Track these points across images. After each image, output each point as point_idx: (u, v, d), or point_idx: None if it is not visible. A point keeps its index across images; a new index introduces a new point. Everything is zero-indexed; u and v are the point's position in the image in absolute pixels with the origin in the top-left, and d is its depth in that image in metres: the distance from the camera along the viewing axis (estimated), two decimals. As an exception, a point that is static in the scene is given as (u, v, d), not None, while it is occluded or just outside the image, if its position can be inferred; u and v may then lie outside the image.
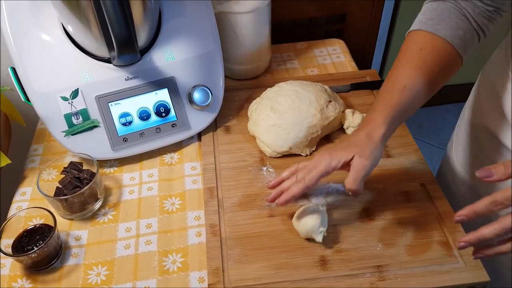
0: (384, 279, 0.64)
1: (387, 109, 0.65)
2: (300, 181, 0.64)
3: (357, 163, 0.63)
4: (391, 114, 0.65)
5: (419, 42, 0.67)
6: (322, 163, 0.64)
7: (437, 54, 0.66)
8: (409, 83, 0.65)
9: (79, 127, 0.78)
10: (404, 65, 0.67)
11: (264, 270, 0.66)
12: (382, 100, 0.66)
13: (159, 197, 0.77)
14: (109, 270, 0.67)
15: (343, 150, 0.64)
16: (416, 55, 0.66)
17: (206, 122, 0.86)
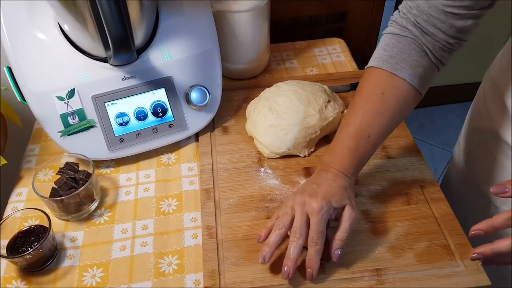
0: (383, 283, 0.63)
1: (354, 159, 0.66)
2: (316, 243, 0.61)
3: (351, 215, 0.63)
4: (358, 164, 0.67)
5: (380, 83, 0.66)
6: (325, 215, 0.62)
7: (398, 97, 0.66)
8: (373, 130, 0.66)
9: (75, 127, 0.77)
10: (367, 111, 0.66)
11: (261, 273, 0.65)
12: (347, 148, 0.66)
13: (156, 198, 0.76)
14: (104, 272, 0.67)
15: (335, 196, 0.63)
16: (378, 99, 0.66)
17: (204, 122, 0.85)
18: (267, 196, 0.75)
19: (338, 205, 0.63)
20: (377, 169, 0.79)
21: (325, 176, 0.66)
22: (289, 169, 0.80)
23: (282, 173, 0.79)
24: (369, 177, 0.78)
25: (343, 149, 0.66)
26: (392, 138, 0.83)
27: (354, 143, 0.66)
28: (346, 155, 0.66)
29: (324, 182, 0.65)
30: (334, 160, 0.67)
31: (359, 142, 0.66)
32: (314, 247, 0.62)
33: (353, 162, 0.66)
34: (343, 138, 0.67)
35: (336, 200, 0.63)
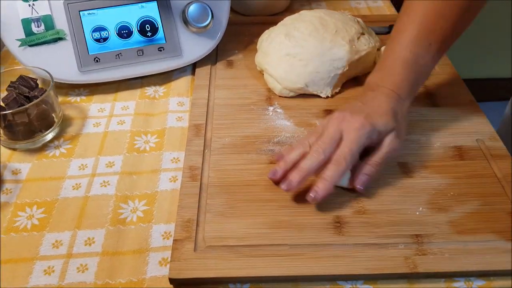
0: (424, 253, 0.45)
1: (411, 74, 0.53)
2: (340, 162, 0.48)
3: (392, 142, 0.51)
4: (416, 81, 0.54)
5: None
6: (363, 135, 0.49)
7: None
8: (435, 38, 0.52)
9: (39, 37, 0.61)
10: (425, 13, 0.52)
11: (255, 228, 0.47)
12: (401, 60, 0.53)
13: (131, 132, 0.60)
14: (46, 213, 0.50)
15: (380, 118, 0.50)
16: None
17: (203, 51, 0.68)
18: (274, 137, 0.57)
19: (384, 128, 0.50)
20: (420, 116, 0.60)
21: (372, 95, 0.53)
22: (306, 110, 0.62)
23: (296, 114, 0.61)
24: (410, 125, 0.58)
25: (397, 62, 0.53)
26: (440, 84, 0.66)
27: (410, 53, 0.52)
28: (401, 70, 0.53)
29: (372, 101, 0.52)
30: (384, 77, 0.54)
31: (418, 52, 0.52)
32: (335, 166, 0.48)
33: (409, 78, 0.52)
34: (396, 49, 0.53)
35: (383, 122, 0.50)
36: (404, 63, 0.52)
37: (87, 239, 0.47)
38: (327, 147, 0.48)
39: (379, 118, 0.50)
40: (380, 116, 0.50)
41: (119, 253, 0.46)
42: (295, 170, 0.48)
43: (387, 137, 0.51)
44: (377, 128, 0.50)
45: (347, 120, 0.49)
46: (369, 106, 0.51)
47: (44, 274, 0.44)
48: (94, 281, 0.44)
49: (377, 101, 0.52)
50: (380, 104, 0.51)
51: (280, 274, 0.43)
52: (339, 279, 0.44)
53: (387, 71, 0.54)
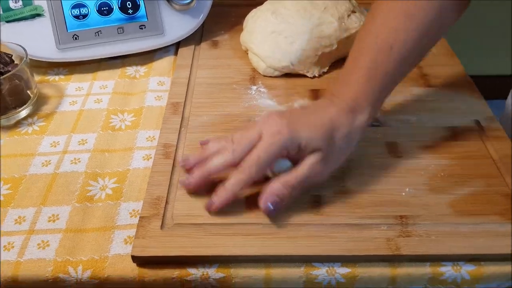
0: (409, 235, 0.41)
1: (370, 82, 0.45)
2: (244, 170, 0.42)
3: (314, 165, 0.43)
4: (376, 90, 0.45)
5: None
6: (276, 144, 0.42)
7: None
8: (397, 40, 0.44)
9: (16, 13, 0.59)
10: (389, 13, 0.46)
11: (229, 208, 0.44)
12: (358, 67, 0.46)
13: (107, 111, 0.57)
14: (12, 189, 0.47)
15: (309, 129, 0.43)
16: None
17: (186, 30, 0.65)
18: (255, 116, 0.54)
19: (307, 143, 0.42)
20: (413, 97, 0.57)
21: (322, 104, 0.46)
22: (291, 89, 0.59)
23: (280, 93, 0.58)
24: (401, 105, 0.56)
25: (355, 71, 0.46)
26: (435, 65, 0.63)
27: (369, 58, 0.45)
28: (357, 77, 0.45)
29: (316, 109, 0.46)
30: (341, 88, 0.46)
31: (377, 57, 0.45)
32: (237, 176, 0.42)
33: (367, 87, 0.45)
34: (354, 55, 0.47)
35: (308, 136, 0.42)
36: (361, 71, 0.45)
37: (51, 215, 0.45)
38: (239, 148, 0.43)
39: (305, 129, 0.43)
40: (308, 127, 0.43)
41: (83, 231, 0.43)
42: (198, 167, 0.44)
43: (310, 157, 0.43)
44: (297, 140, 0.42)
45: (269, 122, 0.43)
46: (306, 113, 0.45)
47: (3, 250, 0.42)
48: (54, 258, 0.41)
49: (320, 111, 0.45)
50: (321, 115, 0.44)
51: (250, 254, 0.40)
52: (314, 261, 0.41)
53: (344, 81, 0.47)
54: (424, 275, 0.41)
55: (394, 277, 0.41)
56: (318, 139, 0.43)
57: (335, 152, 0.44)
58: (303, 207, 0.44)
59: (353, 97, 0.45)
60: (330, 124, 0.43)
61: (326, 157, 0.43)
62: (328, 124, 0.43)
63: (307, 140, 0.42)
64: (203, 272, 0.40)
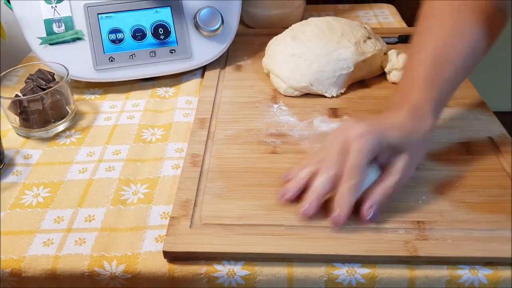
0: (426, 239, 0.43)
1: (432, 90, 0.48)
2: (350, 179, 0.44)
3: (405, 166, 0.45)
4: (438, 98, 0.49)
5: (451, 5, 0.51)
6: (366, 144, 0.44)
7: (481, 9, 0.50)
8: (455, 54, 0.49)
9: (59, 37, 0.65)
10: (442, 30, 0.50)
11: (252, 209, 0.46)
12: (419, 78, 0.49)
13: (139, 126, 0.61)
14: (52, 192, 0.51)
15: (392, 131, 0.45)
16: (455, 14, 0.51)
17: (213, 54, 0.70)
18: (277, 131, 0.58)
19: (395, 141, 0.45)
20: (426, 115, 0.60)
21: (389, 113, 0.49)
22: (311, 108, 0.62)
23: (300, 111, 0.61)
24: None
25: (416, 81, 0.49)
26: (449, 88, 0.65)
27: (429, 70, 0.49)
28: (420, 87, 0.48)
29: (386, 115, 0.48)
30: (404, 97, 0.49)
31: (437, 69, 0.49)
32: (348, 182, 0.44)
33: (430, 95, 0.48)
34: (413, 68, 0.50)
35: (395, 135, 0.45)
36: (422, 81, 0.48)
37: (88, 216, 0.48)
38: (335, 160, 0.44)
39: (389, 129, 0.45)
40: (392, 127, 0.46)
41: (117, 230, 0.46)
42: (309, 191, 0.45)
43: (400, 159, 0.46)
44: (386, 138, 0.45)
45: (350, 129, 0.45)
46: (380, 119, 0.48)
47: (43, 245, 0.45)
48: (90, 253, 0.44)
49: (391, 117, 0.47)
50: (394, 118, 0.47)
51: (274, 252, 0.42)
52: (335, 261, 0.43)
53: (406, 91, 0.50)
54: (442, 277, 0.42)
55: (413, 278, 0.42)
56: (402, 136, 0.45)
57: (416, 152, 0.47)
58: (324, 212, 0.46)
59: (415, 104, 0.48)
60: (406, 124, 0.46)
61: (412, 156, 0.46)
62: (405, 124, 0.46)
63: (395, 138, 0.45)
64: (229, 268, 0.42)
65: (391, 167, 0.46)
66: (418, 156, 0.48)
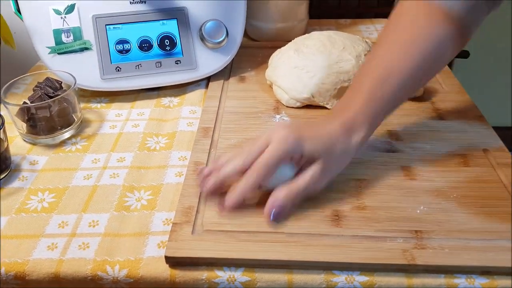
0: (423, 248, 0.44)
1: (367, 103, 0.49)
2: (252, 173, 0.46)
3: (314, 176, 0.47)
4: (372, 111, 0.49)
5: (409, 11, 0.52)
6: (282, 149, 0.46)
7: (432, 28, 0.50)
8: (396, 68, 0.49)
9: (68, 46, 0.67)
10: (388, 43, 0.51)
11: (253, 216, 0.47)
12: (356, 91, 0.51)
13: (143, 134, 0.62)
14: (56, 198, 0.52)
15: (312, 140, 0.47)
16: (403, 29, 0.51)
17: (217, 65, 0.72)
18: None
19: (311, 150, 0.46)
20: (427, 128, 0.61)
21: (323, 120, 0.50)
22: (312, 118, 0.63)
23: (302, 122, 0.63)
24: (414, 134, 0.60)
25: (356, 93, 0.50)
26: (447, 101, 0.67)
27: (371, 83, 0.49)
28: (356, 99, 0.50)
29: (318, 123, 0.50)
30: (343, 107, 0.51)
31: (380, 83, 0.49)
32: (246, 178, 0.46)
33: (368, 109, 0.49)
34: (356, 80, 0.53)
35: (313, 143, 0.47)
36: (359, 93, 0.50)
37: (92, 221, 0.49)
38: (248, 155, 0.47)
39: (309, 138, 0.47)
40: (312, 137, 0.47)
41: (120, 235, 0.47)
42: (213, 173, 0.48)
43: (311, 168, 0.47)
44: (301, 148, 0.46)
45: (276, 131, 0.47)
46: (311, 126, 0.49)
47: (47, 249, 0.46)
48: (93, 258, 0.45)
49: (323, 125, 0.49)
50: (324, 127, 0.48)
51: (274, 258, 0.43)
52: (334, 268, 0.43)
53: (345, 103, 0.51)
54: (439, 286, 0.43)
55: (411, 286, 0.43)
56: (319, 149, 0.47)
57: (332, 164, 0.48)
58: (324, 220, 0.47)
59: (352, 117, 0.49)
60: (330, 138, 0.47)
61: (325, 168, 0.47)
62: (328, 137, 0.47)
63: (310, 148, 0.46)
64: (230, 275, 0.43)
65: (301, 173, 0.47)
66: (332, 169, 0.48)
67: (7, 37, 0.74)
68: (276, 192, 0.46)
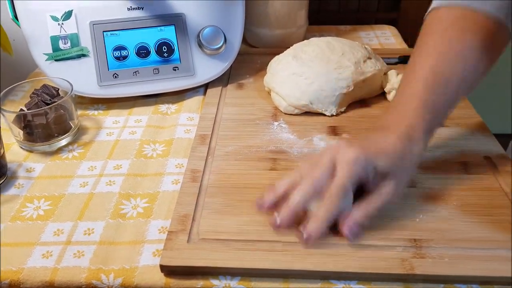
0: (423, 257, 0.43)
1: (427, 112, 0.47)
2: (332, 200, 0.43)
3: (390, 192, 0.45)
4: (432, 121, 0.48)
5: (455, 21, 0.50)
6: (357, 170, 0.44)
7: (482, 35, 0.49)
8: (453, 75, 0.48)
9: (65, 53, 0.67)
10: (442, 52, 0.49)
11: (249, 225, 0.47)
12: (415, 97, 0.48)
13: (140, 141, 0.62)
14: (52, 205, 0.52)
15: (381, 157, 0.45)
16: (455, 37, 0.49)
17: (215, 72, 0.71)
18: (277, 148, 0.59)
19: (383, 168, 0.45)
20: (425, 134, 0.61)
21: (381, 134, 0.48)
22: (310, 126, 0.63)
23: (300, 129, 0.62)
24: (414, 141, 0.59)
25: (409, 103, 0.48)
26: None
27: (426, 91, 0.48)
28: (414, 107, 0.47)
29: (377, 137, 0.48)
30: (397, 119, 0.48)
31: (435, 89, 0.48)
32: (326, 205, 0.43)
33: (424, 116, 0.47)
34: (408, 89, 0.49)
35: (383, 160, 0.45)
36: (417, 101, 0.48)
37: (87, 229, 0.48)
38: (317, 180, 0.44)
39: (379, 155, 0.45)
40: (381, 153, 0.45)
41: (115, 243, 0.47)
42: (284, 205, 0.45)
43: (385, 184, 0.45)
44: (374, 165, 0.44)
45: (342, 151, 0.45)
46: (371, 141, 0.47)
47: (42, 257, 0.45)
48: (88, 266, 0.44)
49: (383, 139, 0.47)
50: (386, 141, 0.46)
51: (271, 267, 0.42)
52: (331, 278, 0.43)
53: (399, 113, 0.49)
54: (438, 296, 0.42)
55: (409, 296, 0.42)
56: (390, 163, 0.45)
57: (403, 178, 0.47)
58: (321, 228, 0.46)
59: (409, 126, 0.47)
60: (396, 150, 0.46)
61: (397, 183, 0.46)
62: (394, 150, 0.46)
63: (383, 164, 0.45)
64: (226, 283, 0.43)
65: (377, 190, 0.45)
66: (404, 181, 0.47)
67: (5, 43, 0.74)
68: (355, 212, 0.44)
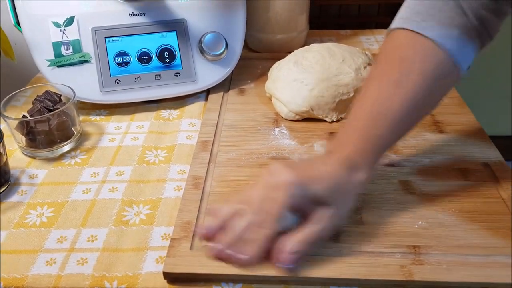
0: (421, 263, 0.44)
1: (367, 143, 0.47)
2: (266, 226, 0.43)
3: (326, 219, 0.44)
4: (372, 151, 0.47)
5: (401, 46, 0.48)
6: (291, 196, 0.43)
7: (425, 63, 0.47)
8: (392, 106, 0.46)
9: (67, 59, 0.67)
10: (383, 81, 0.48)
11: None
12: (356, 129, 0.48)
13: (143, 147, 0.63)
14: (55, 212, 0.52)
15: (316, 182, 0.44)
16: (397, 66, 0.48)
17: (217, 78, 0.72)
18: (278, 154, 0.59)
19: (318, 193, 0.44)
20: (426, 141, 0.61)
21: (323, 159, 0.48)
22: (311, 132, 0.64)
23: (301, 135, 0.63)
24: (414, 148, 0.60)
25: (351, 131, 0.48)
26: (447, 114, 0.67)
27: (366, 121, 0.47)
28: (355, 138, 0.47)
29: (318, 163, 0.47)
30: (341, 145, 0.48)
31: (374, 121, 0.47)
32: (264, 230, 0.43)
33: (366, 147, 0.47)
34: (352, 117, 0.49)
35: (320, 187, 0.44)
36: (358, 132, 0.47)
37: (90, 236, 0.49)
38: (257, 206, 0.44)
39: (315, 180, 0.44)
40: (317, 178, 0.45)
41: (119, 250, 0.47)
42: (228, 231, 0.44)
43: (322, 211, 0.44)
44: (311, 190, 0.44)
45: (278, 175, 0.44)
46: (311, 166, 0.47)
47: (46, 265, 0.46)
48: (92, 273, 0.45)
49: (322, 165, 0.46)
50: (324, 167, 0.46)
51: (272, 274, 0.43)
52: (332, 284, 0.43)
53: (343, 140, 0.48)
54: (437, 302, 0.43)
55: (408, 303, 0.43)
56: (327, 192, 0.44)
57: (342, 204, 0.46)
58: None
59: (350, 155, 0.46)
60: (333, 177, 0.45)
61: (337, 209, 0.45)
62: (331, 177, 0.45)
63: (317, 192, 0.44)
64: (228, 290, 0.43)
65: (314, 216, 0.44)
66: (344, 207, 0.46)
67: (7, 49, 0.74)
68: (288, 241, 0.43)
